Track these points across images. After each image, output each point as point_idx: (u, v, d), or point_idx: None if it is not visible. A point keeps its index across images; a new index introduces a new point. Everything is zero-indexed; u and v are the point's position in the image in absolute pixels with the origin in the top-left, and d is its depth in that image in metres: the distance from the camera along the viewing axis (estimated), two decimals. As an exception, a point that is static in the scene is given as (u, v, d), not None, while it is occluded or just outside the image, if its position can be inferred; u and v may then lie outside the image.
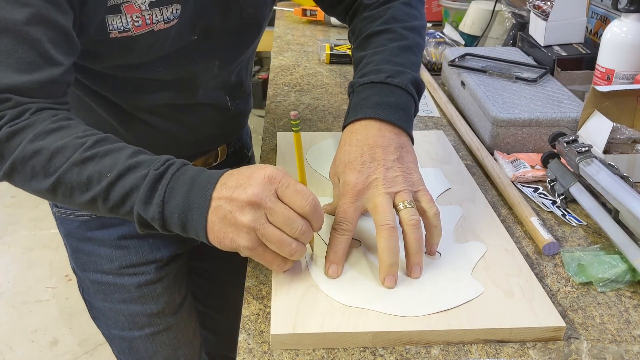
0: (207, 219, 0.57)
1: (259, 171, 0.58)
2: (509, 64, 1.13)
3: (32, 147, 0.60)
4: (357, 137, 0.70)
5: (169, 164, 0.60)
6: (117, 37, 0.68)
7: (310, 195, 0.58)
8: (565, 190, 0.80)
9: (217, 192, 0.57)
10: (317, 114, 1.10)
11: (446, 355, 0.56)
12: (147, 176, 0.58)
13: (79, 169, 0.59)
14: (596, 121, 0.87)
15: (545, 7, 1.18)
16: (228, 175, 0.59)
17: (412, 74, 0.75)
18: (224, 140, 0.97)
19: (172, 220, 0.58)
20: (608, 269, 0.66)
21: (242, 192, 0.56)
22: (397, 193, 0.65)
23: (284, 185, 0.58)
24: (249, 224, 0.56)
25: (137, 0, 0.68)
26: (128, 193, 0.58)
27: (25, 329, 2.05)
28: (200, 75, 0.81)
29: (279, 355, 0.56)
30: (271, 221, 0.57)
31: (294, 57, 1.42)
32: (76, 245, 0.95)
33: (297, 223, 0.57)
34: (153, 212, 0.58)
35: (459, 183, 0.82)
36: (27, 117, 0.61)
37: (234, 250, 0.59)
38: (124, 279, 0.94)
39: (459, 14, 1.55)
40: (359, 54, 0.80)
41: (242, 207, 0.56)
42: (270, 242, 0.57)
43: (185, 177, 0.59)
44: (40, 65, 0.61)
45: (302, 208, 0.58)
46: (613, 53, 0.98)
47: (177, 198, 0.58)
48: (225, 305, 1.19)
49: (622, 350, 0.58)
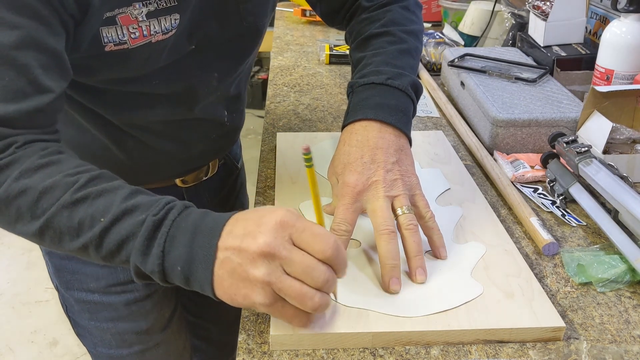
0: (213, 273, 0.51)
1: (268, 215, 0.52)
2: (508, 64, 1.13)
3: (18, 186, 0.54)
4: (357, 138, 0.70)
5: (168, 207, 0.54)
6: (112, 50, 0.64)
7: (331, 237, 0.52)
8: (564, 190, 0.80)
9: (224, 242, 0.51)
10: (317, 114, 1.10)
11: (446, 355, 0.56)
12: (144, 222, 0.52)
13: (69, 212, 0.53)
14: (596, 121, 0.87)
15: (545, 8, 1.18)
16: (234, 220, 0.53)
17: (412, 77, 0.75)
18: (216, 155, 0.94)
19: (173, 273, 0.52)
20: (608, 269, 0.66)
21: (252, 242, 0.50)
22: (395, 197, 0.66)
23: (299, 229, 0.51)
24: (263, 278, 0.50)
25: (134, 11, 0.63)
26: (124, 241, 0.53)
27: (25, 329, 2.05)
28: (199, 88, 0.77)
29: (278, 356, 0.56)
30: (288, 272, 0.50)
31: (294, 58, 1.42)
32: (59, 263, 0.89)
33: (319, 271, 0.51)
34: (152, 265, 0.52)
35: (459, 183, 0.82)
36: (12, 151, 0.55)
37: (249, 307, 0.53)
38: (111, 297, 0.89)
39: (458, 14, 1.55)
40: (358, 55, 0.80)
41: (254, 259, 0.50)
42: (290, 297, 0.51)
43: (187, 224, 0.53)
44: (28, 94, 0.56)
45: (323, 253, 0.51)
46: (612, 53, 0.98)
47: (178, 248, 0.52)
48: (220, 316, 1.13)
49: (621, 350, 0.58)
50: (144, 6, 0.63)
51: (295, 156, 0.89)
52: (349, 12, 0.86)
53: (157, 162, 0.83)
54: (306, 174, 0.57)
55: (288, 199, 0.77)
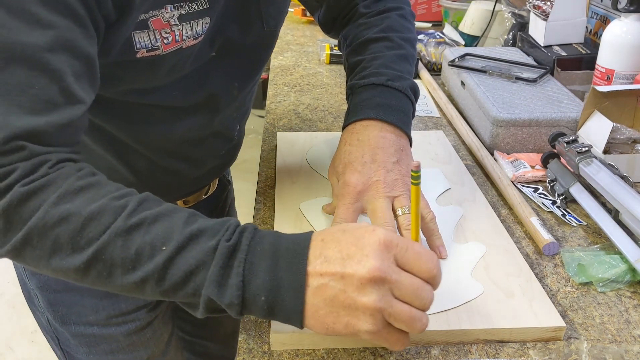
0: (304, 302, 0.47)
1: (368, 236, 0.48)
2: (508, 64, 1.13)
3: (57, 212, 0.46)
4: (357, 137, 0.70)
5: (239, 231, 0.49)
6: (143, 57, 0.58)
7: (433, 255, 0.49)
8: (565, 190, 0.80)
9: (315, 267, 0.47)
10: (317, 114, 1.10)
11: (446, 355, 0.56)
12: (216, 249, 0.47)
13: (124, 240, 0.46)
14: (596, 121, 0.87)
15: (545, 7, 1.18)
16: (320, 242, 0.49)
17: (411, 80, 0.76)
18: (220, 173, 0.90)
19: (255, 304, 0.47)
20: (608, 269, 0.66)
21: (358, 266, 0.46)
22: (396, 197, 0.66)
23: (402, 248, 0.48)
24: (375, 305, 0.46)
25: (166, 14, 0.57)
26: (192, 272, 0.46)
27: (25, 329, 2.05)
28: (221, 98, 0.72)
29: (279, 356, 0.56)
30: (397, 296, 0.47)
31: (294, 57, 1.42)
32: (54, 298, 0.82)
33: (426, 292, 0.48)
34: (231, 296, 0.46)
35: (459, 183, 0.82)
36: (44, 171, 0.48)
37: (347, 335, 0.48)
38: (111, 329, 0.84)
39: (459, 14, 1.55)
40: (355, 59, 0.79)
41: (363, 285, 0.46)
42: (400, 321, 0.47)
43: (263, 248, 0.48)
44: (58, 104, 0.49)
45: (429, 272, 0.48)
46: (613, 53, 0.98)
47: (260, 276, 0.47)
48: (216, 332, 1.11)
49: (622, 350, 0.58)
50: (175, 9, 0.58)
51: (296, 156, 0.89)
52: (346, 18, 0.86)
53: (166, 183, 0.78)
54: (411, 191, 0.54)
55: (288, 199, 0.77)
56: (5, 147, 0.46)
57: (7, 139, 0.46)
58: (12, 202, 0.46)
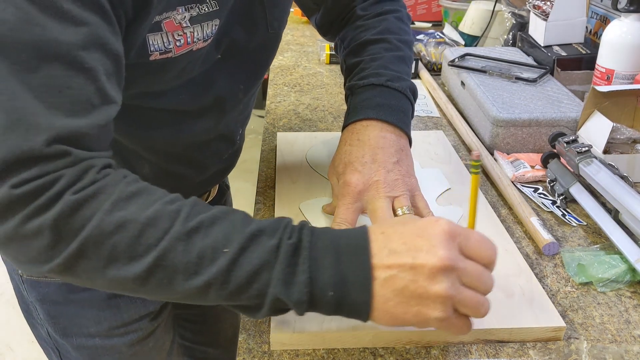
0: (372, 294, 0.47)
1: (432, 227, 0.49)
2: (508, 64, 1.13)
3: (113, 220, 0.44)
4: (358, 137, 0.70)
5: (298, 228, 0.49)
6: (156, 60, 0.57)
7: (491, 242, 0.51)
8: (565, 190, 0.80)
9: (380, 259, 0.48)
10: (317, 114, 1.10)
11: (446, 355, 0.56)
12: (279, 248, 0.47)
13: (185, 245, 0.45)
14: (596, 121, 0.87)
15: (545, 7, 1.18)
16: (381, 235, 0.49)
17: (410, 81, 0.76)
18: (222, 177, 0.89)
19: (323, 300, 0.47)
20: (608, 269, 0.66)
21: (428, 256, 0.47)
22: (396, 197, 0.66)
23: (465, 237, 0.50)
24: (447, 293, 0.47)
25: (177, 16, 0.56)
26: (257, 272, 0.46)
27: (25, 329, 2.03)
28: (227, 101, 0.71)
29: (279, 356, 0.56)
30: (464, 283, 0.49)
31: (294, 57, 1.42)
32: (54, 310, 0.80)
33: (487, 277, 0.50)
34: (299, 294, 0.46)
35: (459, 183, 0.82)
36: (93, 177, 0.46)
37: (415, 325, 0.49)
38: (114, 340, 0.83)
39: (458, 14, 1.55)
40: (353, 60, 0.79)
41: (434, 274, 0.47)
42: (467, 307, 0.49)
43: (323, 244, 0.48)
44: (95, 105, 0.47)
45: (489, 258, 0.50)
46: (613, 53, 0.98)
47: (326, 272, 0.47)
48: (216, 337, 1.10)
49: (622, 350, 0.58)
50: (186, 11, 0.57)
51: (296, 156, 0.89)
52: (343, 21, 0.86)
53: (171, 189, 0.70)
54: (470, 180, 0.54)
55: (288, 199, 0.77)
56: (49, 151, 0.44)
57: (50, 141, 0.44)
58: (64, 212, 0.44)
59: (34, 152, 0.43)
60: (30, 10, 0.44)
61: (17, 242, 0.45)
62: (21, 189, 0.43)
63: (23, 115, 0.43)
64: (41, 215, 0.43)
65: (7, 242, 0.45)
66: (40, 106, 0.44)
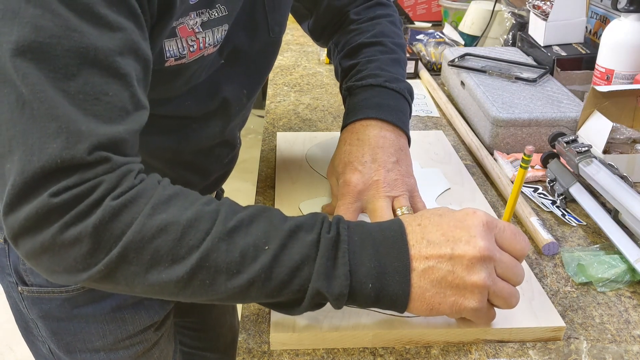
0: (410, 285, 0.48)
1: (470, 218, 0.51)
2: (508, 64, 1.13)
3: (155, 223, 0.45)
4: (357, 137, 0.70)
5: (335, 222, 0.50)
6: (171, 66, 0.57)
7: (524, 235, 0.53)
8: (565, 190, 0.80)
9: (418, 250, 0.49)
10: (317, 114, 1.10)
11: (446, 355, 0.56)
12: (319, 242, 0.47)
13: (227, 244, 0.46)
14: (596, 121, 0.87)
15: (545, 7, 1.18)
16: (417, 227, 0.50)
17: (407, 83, 0.77)
18: (222, 182, 0.88)
19: (362, 292, 0.48)
20: (608, 269, 0.66)
21: (467, 247, 0.48)
22: (396, 197, 0.66)
23: (501, 229, 0.51)
24: (484, 283, 0.49)
25: (190, 21, 0.56)
26: (298, 267, 0.47)
27: (25, 329, 2.05)
28: (232, 106, 0.71)
29: (278, 356, 0.56)
30: (498, 273, 0.50)
31: (294, 57, 1.42)
32: (57, 327, 0.78)
33: (519, 269, 0.51)
34: (340, 287, 0.47)
35: (459, 183, 0.82)
36: (131, 182, 0.46)
37: (448, 315, 0.51)
38: (119, 353, 0.82)
39: (458, 14, 1.55)
40: (349, 62, 0.80)
41: (472, 264, 0.48)
42: (500, 297, 0.51)
43: (360, 238, 0.49)
44: (129, 111, 0.47)
45: (522, 251, 0.52)
46: (613, 53, 0.98)
47: (365, 264, 0.48)
48: (215, 343, 1.11)
49: (621, 350, 0.58)
50: (198, 16, 0.57)
51: (295, 156, 0.89)
52: (336, 26, 0.86)
53: None
54: (518, 172, 0.56)
55: (288, 199, 0.77)
56: (90, 158, 0.44)
57: (92, 149, 0.44)
58: (104, 218, 0.43)
59: (75, 160, 0.43)
60: (69, 17, 0.43)
61: (52, 252, 0.44)
62: (61, 197, 0.43)
63: (63, 123, 0.43)
64: (81, 223, 0.43)
65: (42, 253, 0.44)
66: (79, 113, 0.44)
